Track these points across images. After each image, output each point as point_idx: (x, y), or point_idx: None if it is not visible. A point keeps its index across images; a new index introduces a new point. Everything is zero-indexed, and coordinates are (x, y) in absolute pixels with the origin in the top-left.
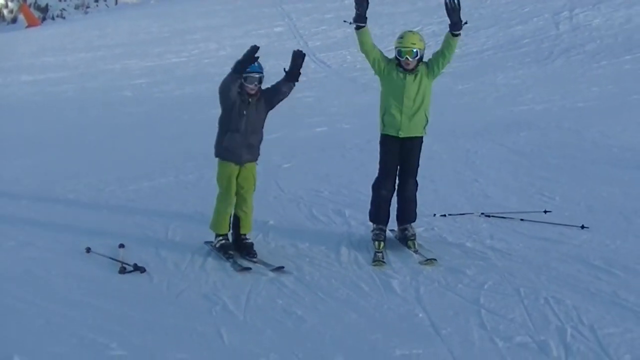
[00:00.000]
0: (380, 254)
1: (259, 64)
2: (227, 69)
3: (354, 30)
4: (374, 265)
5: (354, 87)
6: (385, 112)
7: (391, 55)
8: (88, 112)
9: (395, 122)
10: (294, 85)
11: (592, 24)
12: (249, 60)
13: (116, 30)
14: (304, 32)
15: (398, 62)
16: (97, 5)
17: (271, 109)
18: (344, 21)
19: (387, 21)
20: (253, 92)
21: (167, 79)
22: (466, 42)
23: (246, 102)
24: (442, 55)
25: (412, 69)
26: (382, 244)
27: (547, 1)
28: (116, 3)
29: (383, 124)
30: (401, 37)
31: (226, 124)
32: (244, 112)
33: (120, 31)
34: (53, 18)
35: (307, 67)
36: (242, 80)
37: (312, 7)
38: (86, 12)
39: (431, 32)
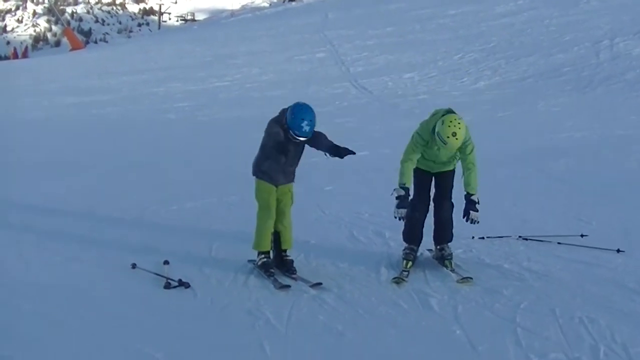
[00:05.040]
0: (405, 273)
1: (309, 130)
2: (269, 93)
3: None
4: (393, 282)
5: (395, 113)
6: (421, 157)
7: (432, 82)
8: (132, 134)
9: (429, 166)
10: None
11: (633, 53)
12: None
13: (159, 54)
14: (345, 58)
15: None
16: (139, 30)
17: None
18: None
19: (429, 48)
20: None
21: (210, 103)
22: (507, 69)
23: (292, 142)
24: (463, 169)
25: None
26: (410, 263)
27: (587, 30)
28: (159, 27)
29: (418, 161)
30: (444, 143)
31: (267, 153)
32: (288, 150)
33: (164, 55)
34: (96, 42)
35: (349, 93)
36: (291, 132)
37: (354, 33)
38: (129, 37)
39: (473, 59)
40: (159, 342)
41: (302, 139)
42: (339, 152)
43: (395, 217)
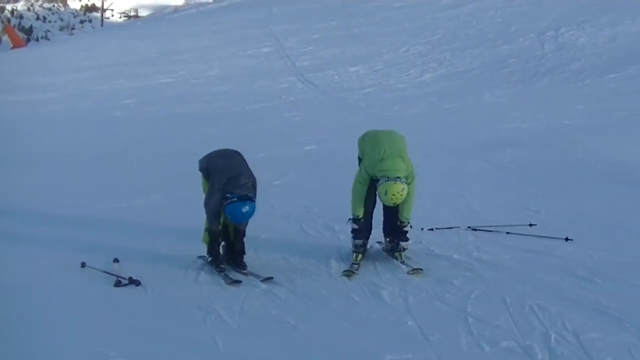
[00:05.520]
0: (356, 265)
1: (247, 218)
2: (215, 89)
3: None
4: (344, 275)
5: (342, 107)
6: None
7: (378, 75)
8: (78, 132)
9: None
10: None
11: (577, 43)
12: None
13: (103, 51)
14: (291, 52)
15: None
16: (82, 27)
17: None
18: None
19: (374, 42)
20: None
21: (155, 100)
22: (452, 61)
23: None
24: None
25: None
26: (360, 256)
27: (532, 21)
28: (102, 24)
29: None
30: (385, 203)
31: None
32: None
33: (108, 52)
34: (37, 40)
35: (295, 88)
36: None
37: (299, 28)
38: (71, 34)
39: (418, 52)
40: (111, 340)
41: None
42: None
43: (353, 249)
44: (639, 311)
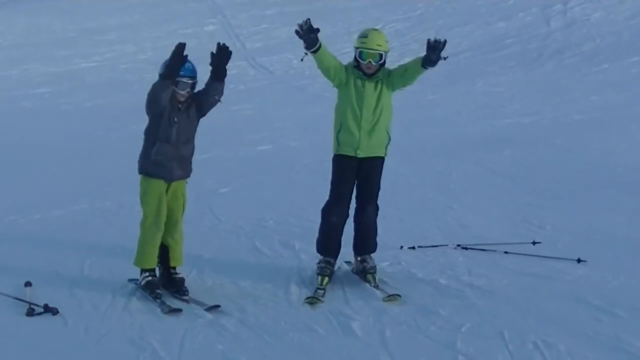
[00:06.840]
0: (321, 291)
1: (192, 67)
2: (148, 76)
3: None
4: (307, 302)
5: (303, 98)
6: (341, 128)
7: (346, 59)
8: None
9: (353, 140)
10: (222, 85)
11: (591, 19)
12: (178, 62)
13: (10, 28)
14: (240, 31)
15: (357, 65)
16: None
17: (202, 116)
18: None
19: (341, 18)
20: (184, 98)
21: (75, 88)
22: None
23: (176, 108)
24: (405, 76)
25: (373, 74)
26: (326, 279)
27: None
28: None
29: (338, 142)
30: (364, 37)
31: (154, 134)
32: (175, 120)
33: (16, 30)
34: None
35: (246, 74)
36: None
37: (250, 1)
38: None
39: (394, 30)
40: None
41: (188, 79)
42: (218, 69)
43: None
44: None
